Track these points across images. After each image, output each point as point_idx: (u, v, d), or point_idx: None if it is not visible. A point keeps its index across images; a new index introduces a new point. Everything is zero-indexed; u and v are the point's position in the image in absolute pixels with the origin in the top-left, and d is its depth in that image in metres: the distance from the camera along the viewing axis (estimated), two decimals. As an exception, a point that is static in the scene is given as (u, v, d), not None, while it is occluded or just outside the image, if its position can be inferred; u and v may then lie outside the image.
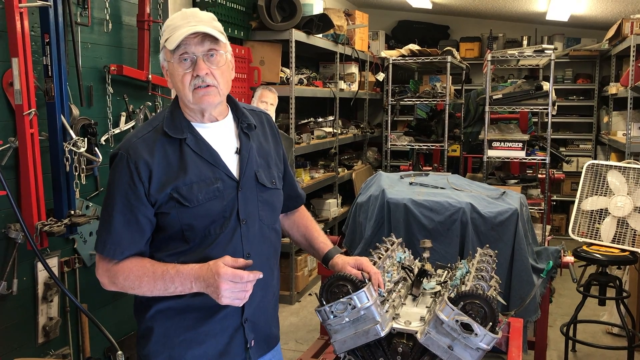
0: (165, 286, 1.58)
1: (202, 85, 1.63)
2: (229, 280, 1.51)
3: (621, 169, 3.95)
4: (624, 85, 6.02)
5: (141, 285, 1.60)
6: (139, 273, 1.60)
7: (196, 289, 1.56)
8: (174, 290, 1.58)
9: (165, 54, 1.66)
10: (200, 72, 1.61)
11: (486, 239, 3.09)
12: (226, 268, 1.52)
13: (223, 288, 1.50)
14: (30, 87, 2.71)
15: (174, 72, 1.65)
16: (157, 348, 1.70)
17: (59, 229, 2.80)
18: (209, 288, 1.54)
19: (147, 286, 1.59)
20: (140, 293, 1.63)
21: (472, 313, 1.63)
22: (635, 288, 4.17)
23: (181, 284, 1.57)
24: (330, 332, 1.75)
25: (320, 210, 6.04)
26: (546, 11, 6.86)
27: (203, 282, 1.54)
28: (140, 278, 1.59)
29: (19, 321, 2.93)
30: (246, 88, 4.83)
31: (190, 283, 1.56)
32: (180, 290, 1.58)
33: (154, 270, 1.59)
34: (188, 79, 1.63)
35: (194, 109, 1.69)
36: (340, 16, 6.04)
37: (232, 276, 1.51)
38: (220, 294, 1.51)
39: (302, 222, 2.03)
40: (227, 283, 1.50)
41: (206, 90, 1.64)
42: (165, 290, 1.59)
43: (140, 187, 1.61)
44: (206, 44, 1.62)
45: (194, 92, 1.64)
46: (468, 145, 6.39)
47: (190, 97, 1.64)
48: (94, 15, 3.30)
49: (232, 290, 1.51)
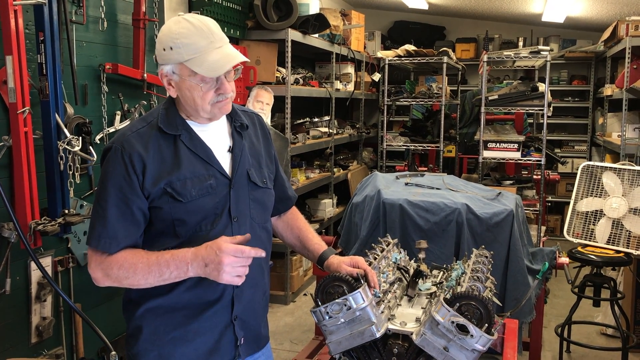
0: (160, 272, 1.56)
1: (222, 99, 1.66)
2: (231, 254, 1.50)
3: (616, 171, 3.96)
4: (619, 86, 6.04)
5: (136, 272, 1.57)
6: (133, 261, 1.58)
7: (192, 271, 1.55)
8: (169, 277, 1.56)
9: (181, 71, 1.63)
10: (226, 92, 1.65)
11: (482, 239, 3.09)
12: (228, 243, 1.52)
13: (225, 262, 1.49)
14: (24, 85, 2.70)
15: (192, 89, 1.63)
16: (146, 346, 1.70)
17: (52, 228, 2.79)
18: (208, 267, 1.52)
19: (142, 273, 1.57)
20: (135, 283, 1.60)
21: (467, 314, 1.63)
22: (630, 289, 4.18)
23: (176, 267, 1.55)
24: (326, 333, 1.74)
25: (316, 211, 6.04)
26: (542, 12, 6.87)
27: (202, 262, 1.53)
28: (135, 265, 1.57)
29: (12, 321, 2.91)
30: (242, 87, 4.82)
31: (186, 266, 1.54)
32: (176, 276, 1.56)
33: (148, 257, 1.58)
34: (211, 96, 1.64)
35: (204, 116, 1.69)
36: (336, 16, 6.03)
37: (234, 250, 1.51)
38: (222, 269, 1.50)
39: (295, 224, 2.03)
40: (229, 257, 1.50)
41: (225, 101, 1.67)
42: (160, 277, 1.56)
43: (134, 180, 1.61)
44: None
45: (214, 105, 1.66)
46: (464, 146, 6.39)
47: (208, 110, 1.66)
48: (89, 14, 3.29)
49: (233, 265, 1.50)
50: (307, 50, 5.77)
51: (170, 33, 1.62)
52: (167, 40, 1.62)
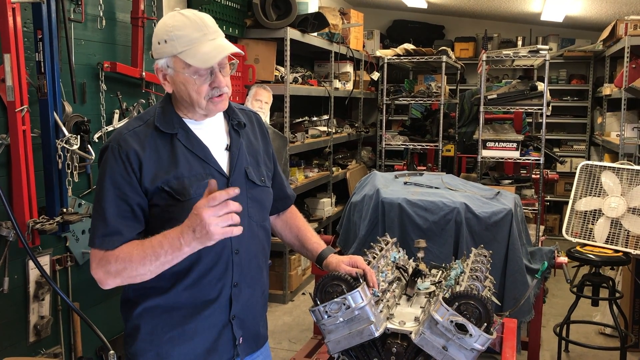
0: (155, 254, 1.52)
1: (217, 94, 1.65)
2: (206, 205, 1.45)
3: (615, 170, 3.96)
4: (618, 86, 6.04)
5: (132, 261, 1.55)
6: (128, 250, 1.57)
7: (186, 245, 1.49)
8: (165, 258, 1.52)
9: (175, 64, 1.62)
10: (220, 85, 1.64)
11: (480, 239, 3.09)
12: (200, 200, 1.48)
13: (206, 216, 1.44)
14: (22, 83, 2.70)
15: (187, 82, 1.63)
16: (144, 346, 1.69)
17: (51, 226, 2.78)
18: (196, 232, 1.47)
19: (138, 260, 1.54)
20: (134, 273, 1.56)
21: (466, 313, 1.63)
22: (628, 289, 4.18)
23: (170, 245, 1.51)
24: (324, 332, 1.74)
25: (314, 210, 6.03)
26: (541, 12, 6.87)
27: (189, 230, 1.48)
28: (130, 254, 1.55)
29: (10, 320, 2.91)
30: (241, 86, 4.82)
31: (178, 240, 1.50)
32: (172, 255, 1.52)
33: (141, 243, 1.56)
34: (205, 90, 1.63)
35: (199, 113, 1.69)
36: (335, 15, 6.03)
37: (207, 201, 1.46)
38: (207, 224, 1.44)
39: (294, 223, 2.02)
40: (206, 210, 1.45)
41: (221, 98, 1.66)
42: (156, 259, 1.52)
43: (133, 177, 1.61)
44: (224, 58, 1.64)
45: (209, 101, 1.65)
46: (462, 145, 6.40)
47: (203, 105, 1.65)
48: (88, 12, 3.28)
49: (215, 215, 1.45)
50: (306, 49, 5.76)
51: (165, 26, 1.62)
52: (161, 34, 1.62)
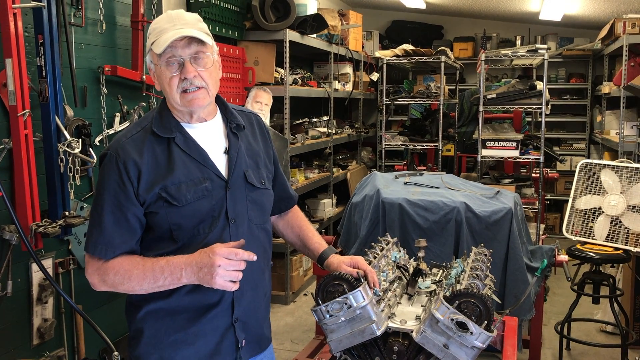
0: (154, 278, 1.56)
1: (191, 88, 1.64)
2: (224, 256, 1.51)
3: (614, 168, 3.97)
4: (617, 84, 6.05)
5: (131, 279, 1.58)
6: (129, 267, 1.59)
7: (185, 278, 1.55)
8: (163, 283, 1.56)
9: (152, 57, 1.67)
10: (188, 75, 1.62)
11: (481, 238, 3.10)
12: (221, 246, 1.54)
13: (217, 264, 1.50)
14: (24, 88, 2.71)
15: (161, 75, 1.66)
16: (147, 349, 1.70)
17: (53, 230, 2.80)
18: (201, 271, 1.52)
19: (137, 280, 1.58)
20: (130, 289, 1.61)
21: (467, 312, 1.64)
22: (629, 286, 4.19)
23: (170, 273, 1.55)
24: (326, 332, 1.75)
25: (315, 211, 6.04)
26: (539, 11, 6.88)
27: (195, 267, 1.53)
28: (130, 272, 1.58)
29: (14, 323, 2.92)
30: (240, 88, 4.83)
31: (180, 271, 1.55)
32: (169, 282, 1.56)
33: (144, 263, 1.59)
34: (176, 82, 1.64)
35: (182, 111, 1.70)
36: (334, 16, 6.04)
37: (227, 252, 1.52)
38: (215, 272, 1.50)
39: (296, 222, 2.03)
40: (222, 259, 1.50)
41: (195, 93, 1.65)
42: (154, 283, 1.57)
43: (129, 187, 1.62)
44: (193, 47, 1.63)
45: (182, 95, 1.64)
46: (462, 144, 6.41)
47: (178, 100, 1.66)
48: (88, 16, 3.30)
49: (226, 267, 1.50)
50: (305, 50, 5.77)
51: (152, 24, 1.69)
52: (149, 31, 1.69)
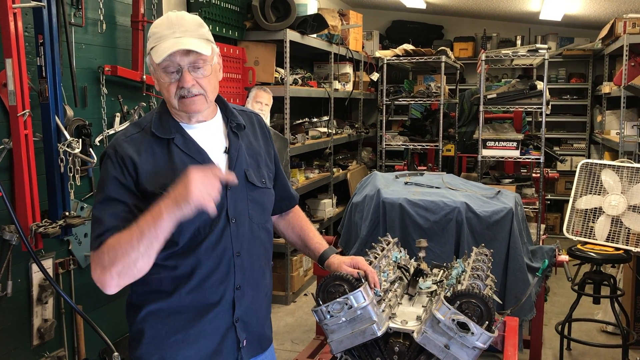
0: (139, 230, 1.50)
1: (189, 95, 1.63)
2: (199, 173, 1.48)
3: (615, 168, 3.97)
4: (617, 84, 6.05)
5: (120, 243, 1.51)
6: (117, 237, 1.54)
7: (165, 208, 1.48)
8: (149, 231, 1.49)
9: (151, 61, 1.66)
10: (186, 85, 1.62)
11: (481, 238, 3.10)
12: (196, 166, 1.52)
13: (192, 179, 1.46)
14: (24, 88, 2.71)
15: (159, 80, 1.66)
16: (148, 350, 1.69)
17: (53, 230, 2.79)
18: (179, 195, 1.47)
19: (126, 241, 1.51)
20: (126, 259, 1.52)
21: (468, 312, 1.64)
22: (630, 286, 4.19)
23: (152, 218, 1.49)
24: (327, 332, 1.75)
25: (316, 211, 6.04)
26: (539, 11, 6.88)
27: (172, 198, 1.48)
28: (119, 239, 1.53)
29: (14, 323, 2.92)
30: (240, 88, 4.83)
31: (159, 207, 1.49)
32: (154, 227, 1.49)
33: (128, 226, 1.54)
34: (174, 89, 1.63)
35: (181, 114, 1.70)
36: (334, 16, 6.04)
37: (201, 168, 1.49)
38: (190, 185, 1.45)
39: (297, 222, 2.02)
40: (196, 173, 1.47)
41: (192, 99, 1.64)
42: (141, 236, 1.50)
43: (129, 179, 1.62)
44: (192, 55, 1.62)
45: (180, 100, 1.64)
46: (462, 144, 6.41)
47: (176, 105, 1.66)
48: (88, 16, 3.29)
49: (201, 181, 1.46)
50: (305, 50, 5.77)
51: (152, 26, 1.68)
52: (149, 34, 1.68)
